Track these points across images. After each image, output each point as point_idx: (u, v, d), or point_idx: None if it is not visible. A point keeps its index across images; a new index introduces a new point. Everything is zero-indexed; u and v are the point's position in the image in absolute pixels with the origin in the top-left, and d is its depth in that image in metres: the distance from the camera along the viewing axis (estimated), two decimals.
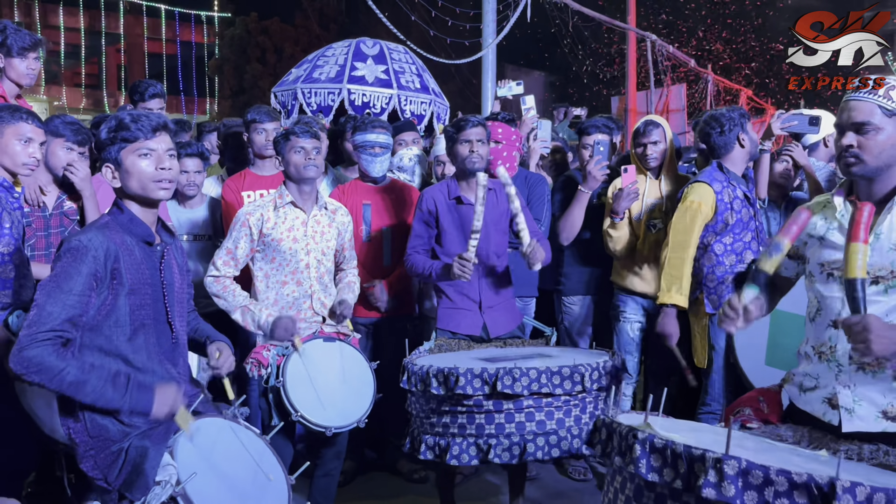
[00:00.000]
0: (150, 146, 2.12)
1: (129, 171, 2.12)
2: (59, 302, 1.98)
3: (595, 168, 3.71)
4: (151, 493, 1.97)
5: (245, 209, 3.20)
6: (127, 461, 2.02)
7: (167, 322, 2.22)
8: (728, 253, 3.52)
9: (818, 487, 1.45)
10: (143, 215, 2.18)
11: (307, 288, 3.19)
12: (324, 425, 2.89)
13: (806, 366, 2.15)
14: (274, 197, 3.21)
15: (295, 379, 2.92)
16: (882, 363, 1.97)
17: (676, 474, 1.55)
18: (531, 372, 2.57)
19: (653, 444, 1.61)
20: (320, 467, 3.19)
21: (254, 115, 3.98)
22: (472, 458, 2.67)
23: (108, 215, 2.18)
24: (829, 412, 2.04)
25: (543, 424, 2.64)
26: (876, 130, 1.96)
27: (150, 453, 2.01)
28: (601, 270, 4.01)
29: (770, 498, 1.47)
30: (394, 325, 3.83)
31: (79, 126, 3.26)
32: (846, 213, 2.07)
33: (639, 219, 3.77)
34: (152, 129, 2.12)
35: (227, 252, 3.16)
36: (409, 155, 4.32)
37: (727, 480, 1.48)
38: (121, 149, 2.11)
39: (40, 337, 1.95)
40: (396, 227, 3.81)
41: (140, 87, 4.40)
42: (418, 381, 2.74)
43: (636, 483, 1.70)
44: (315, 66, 6.48)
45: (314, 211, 3.23)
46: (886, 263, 1.97)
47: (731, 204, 3.46)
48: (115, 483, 2.02)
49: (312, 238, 3.21)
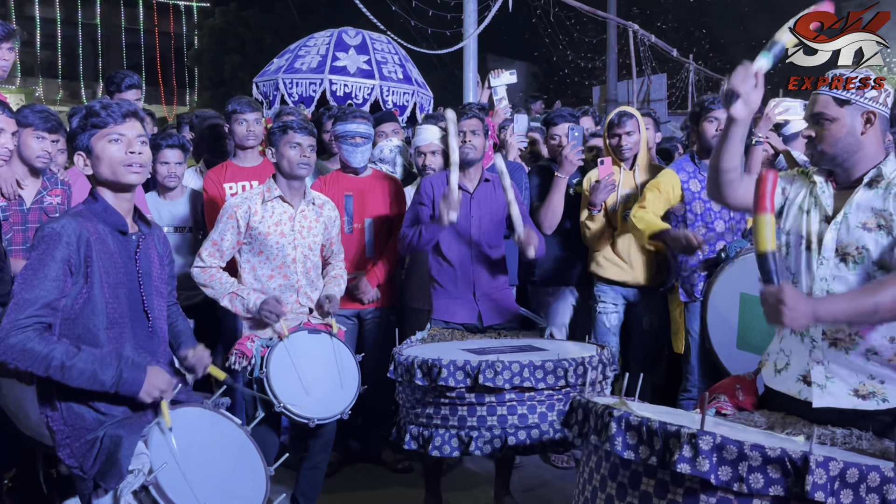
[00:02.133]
0: (119, 131, 2.12)
1: (100, 157, 2.12)
2: (36, 288, 1.99)
3: (571, 153, 3.74)
4: (124, 482, 1.97)
5: (233, 201, 3.18)
6: (101, 450, 2.02)
7: (143, 311, 2.21)
8: None
9: (792, 462, 1.48)
10: (118, 203, 2.18)
11: (294, 282, 3.19)
12: (307, 416, 2.90)
13: (779, 341, 2.19)
14: (262, 190, 3.20)
15: (279, 370, 2.92)
16: (854, 339, 2.02)
17: (652, 451, 1.57)
18: (513, 366, 2.58)
19: (628, 421, 1.62)
20: (307, 459, 3.19)
21: (235, 106, 3.96)
22: (453, 450, 2.68)
23: (83, 204, 2.18)
24: (805, 389, 2.08)
25: (525, 418, 2.66)
26: (830, 121, 2.04)
27: (124, 442, 2.01)
28: (577, 261, 4.03)
29: (744, 472, 1.49)
30: (377, 317, 3.84)
31: (48, 114, 3.22)
32: (825, 192, 2.12)
33: (614, 209, 3.80)
34: (122, 115, 2.13)
35: (213, 244, 3.14)
36: (389, 146, 4.31)
37: (702, 455, 1.50)
38: (91, 136, 2.12)
39: (21, 323, 1.96)
40: (379, 218, 3.81)
41: (116, 79, 4.35)
42: (404, 372, 2.76)
43: (611, 461, 1.72)
44: (297, 56, 6.43)
45: (302, 206, 3.23)
46: (852, 241, 2.04)
47: (699, 194, 3.54)
48: (91, 472, 2.03)
49: (300, 233, 3.20)
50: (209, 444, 2.20)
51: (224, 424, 2.30)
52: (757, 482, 1.49)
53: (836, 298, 1.96)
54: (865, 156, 2.06)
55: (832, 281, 2.05)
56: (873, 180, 2.05)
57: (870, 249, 2.01)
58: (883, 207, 2.01)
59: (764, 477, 1.49)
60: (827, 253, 2.07)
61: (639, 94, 13.00)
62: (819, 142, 2.07)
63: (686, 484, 1.56)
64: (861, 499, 1.49)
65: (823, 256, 2.07)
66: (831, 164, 2.11)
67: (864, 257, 2.02)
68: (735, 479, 1.50)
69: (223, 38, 21.09)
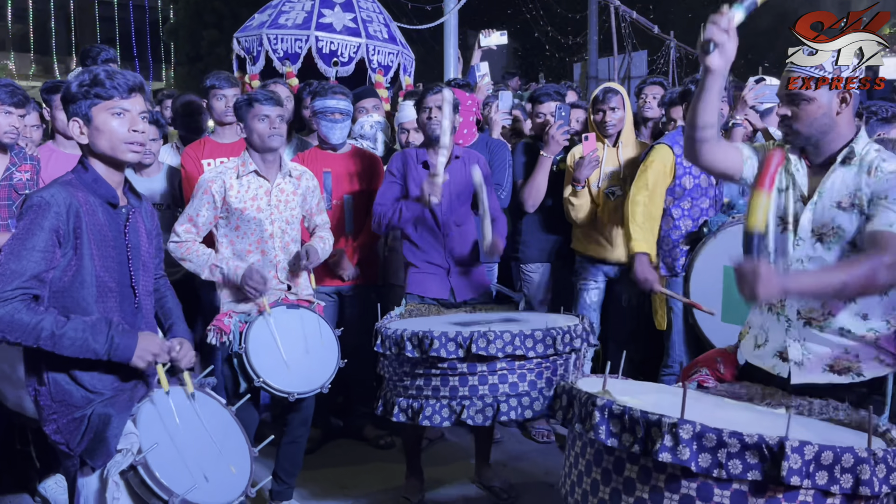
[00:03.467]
0: (124, 105, 2.04)
1: (100, 129, 2.04)
2: (24, 259, 1.93)
3: (557, 133, 3.73)
4: (112, 461, 1.95)
5: (207, 176, 3.13)
6: (89, 428, 2.00)
7: (130, 287, 2.17)
8: (684, 217, 3.60)
9: (768, 447, 1.52)
10: (109, 176, 2.11)
11: (272, 257, 3.16)
12: (286, 391, 2.90)
13: (757, 317, 2.22)
14: (237, 164, 3.14)
15: (258, 345, 2.91)
16: (828, 318, 2.05)
17: (634, 439, 1.61)
18: (505, 335, 2.61)
19: (611, 410, 1.66)
20: (287, 434, 3.19)
21: (213, 81, 3.90)
22: (444, 420, 2.70)
23: (73, 173, 2.10)
24: (780, 365, 2.12)
25: (516, 386, 2.69)
26: (807, 101, 2.03)
27: (112, 420, 1.99)
28: (560, 238, 4.04)
29: (723, 459, 1.53)
30: (358, 294, 3.83)
31: (13, 88, 3.15)
32: (801, 168, 2.14)
33: (598, 186, 3.80)
34: (128, 89, 2.04)
35: (189, 219, 3.09)
36: (370, 122, 4.27)
37: (682, 444, 1.54)
38: (92, 105, 2.03)
39: (7, 295, 1.90)
40: (358, 194, 3.78)
41: (92, 52, 4.27)
42: (392, 345, 2.76)
43: (596, 448, 1.75)
44: (280, 11, 6.26)
45: (278, 179, 3.17)
46: (828, 220, 2.06)
47: (690, 168, 3.53)
48: (77, 449, 2.01)
49: (276, 207, 3.16)
50: (195, 424, 2.19)
51: (210, 404, 2.29)
52: (735, 468, 1.53)
53: (807, 273, 2.00)
54: (839, 134, 2.07)
55: (807, 262, 2.08)
56: (846, 157, 2.06)
57: (844, 229, 2.03)
58: (857, 187, 2.02)
59: (742, 463, 1.53)
60: (803, 233, 2.09)
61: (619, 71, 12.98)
62: (794, 121, 2.06)
63: (668, 470, 1.60)
64: (835, 479, 1.54)
65: (800, 237, 2.09)
66: (805, 143, 2.11)
67: (839, 237, 2.04)
68: (715, 466, 1.54)
69: (199, 12, 20.68)
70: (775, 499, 1.55)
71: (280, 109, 3.12)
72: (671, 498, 1.60)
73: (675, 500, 1.59)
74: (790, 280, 1.89)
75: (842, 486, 1.54)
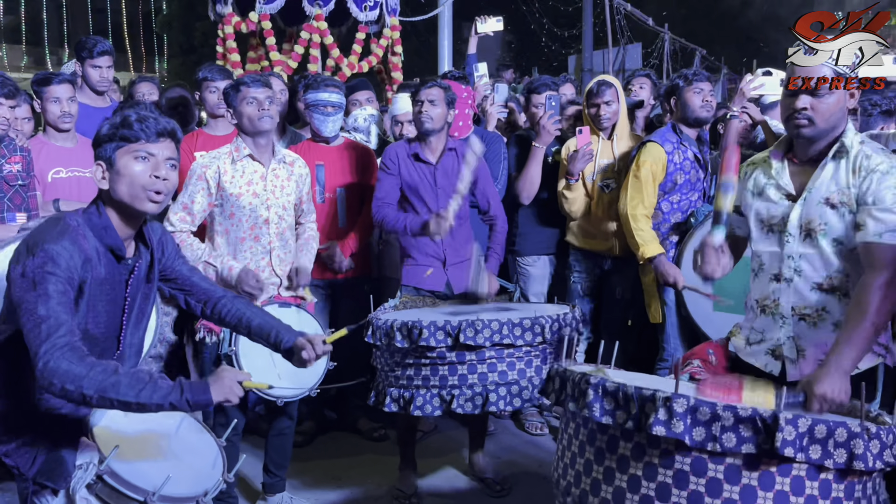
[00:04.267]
0: (149, 149, 1.92)
1: (121, 174, 1.90)
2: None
3: (548, 122, 3.73)
4: (75, 479, 1.86)
5: (200, 162, 3.08)
6: (39, 450, 1.91)
7: (117, 338, 2.04)
8: (674, 211, 3.61)
9: (762, 420, 1.52)
10: (121, 227, 1.96)
11: (266, 244, 3.12)
12: (275, 395, 2.87)
13: (752, 319, 2.23)
14: (230, 149, 3.09)
15: (247, 346, 2.83)
16: (822, 314, 2.06)
17: (628, 415, 1.61)
18: (493, 324, 2.62)
19: (605, 387, 1.66)
20: (273, 428, 3.18)
21: (206, 74, 3.88)
22: (435, 409, 2.72)
23: (83, 216, 1.95)
24: (772, 363, 2.13)
25: (505, 375, 2.70)
26: (829, 94, 2.01)
27: (62, 438, 1.92)
28: (556, 230, 4.04)
29: (717, 432, 1.54)
30: (351, 287, 3.83)
31: (3, 79, 3.10)
32: (783, 171, 2.15)
33: (592, 179, 3.80)
34: (156, 133, 1.93)
35: (184, 207, 3.03)
36: (363, 115, 4.26)
37: (676, 417, 1.54)
38: (118, 147, 1.91)
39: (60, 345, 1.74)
40: (351, 187, 3.78)
41: (88, 44, 4.22)
42: (383, 336, 2.76)
43: (589, 427, 1.75)
44: None
45: (273, 164, 3.13)
46: (815, 216, 2.06)
47: (681, 165, 3.54)
48: (30, 472, 1.91)
49: (272, 193, 3.11)
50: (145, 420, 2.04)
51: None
52: (730, 441, 1.54)
53: (843, 348, 1.94)
54: (836, 128, 2.07)
55: (798, 259, 2.08)
56: (837, 152, 2.06)
57: (831, 225, 2.04)
58: (846, 183, 2.03)
59: (736, 436, 1.54)
60: (793, 230, 2.09)
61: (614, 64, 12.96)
62: (814, 113, 2.02)
63: (662, 446, 1.61)
64: (829, 453, 1.55)
65: (789, 234, 2.10)
66: (817, 136, 2.07)
67: (825, 233, 2.05)
68: (709, 440, 1.54)
69: (192, 4, 20.54)
70: (769, 472, 1.56)
71: (268, 91, 3.07)
72: (665, 473, 1.61)
73: (668, 475, 1.60)
74: (838, 368, 1.89)
75: (835, 461, 1.55)
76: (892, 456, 1.61)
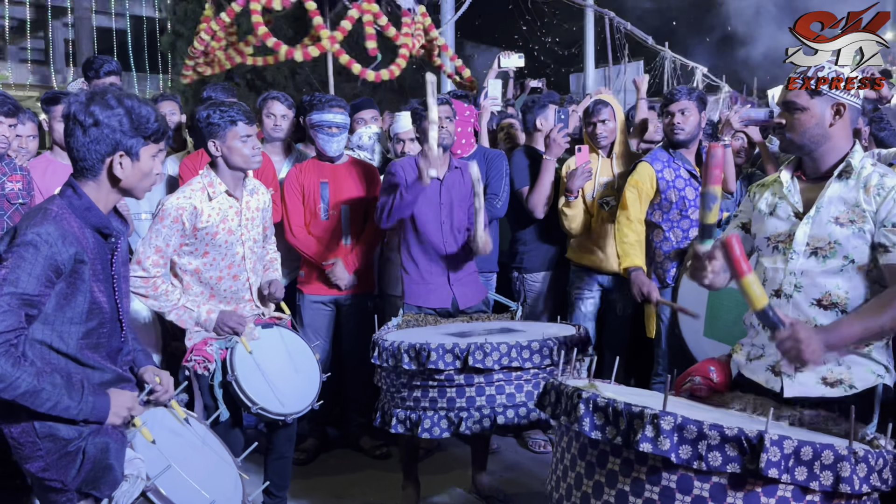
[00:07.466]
0: (161, 147, 2.06)
1: (142, 170, 1.99)
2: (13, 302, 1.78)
3: (558, 135, 3.78)
4: (120, 491, 1.87)
5: (174, 202, 2.85)
6: (87, 459, 1.89)
7: (118, 320, 2.04)
8: (674, 229, 3.64)
9: (748, 440, 1.53)
10: (106, 203, 1.98)
11: (244, 280, 3.03)
12: (283, 413, 2.86)
13: (753, 337, 2.24)
14: (204, 185, 2.91)
15: (245, 371, 2.82)
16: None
17: (617, 431, 1.63)
18: (502, 347, 2.64)
19: (595, 403, 1.68)
20: (273, 452, 3.14)
21: (210, 94, 3.92)
22: (443, 432, 2.73)
23: (62, 199, 1.92)
24: (772, 379, 2.14)
25: (513, 397, 2.72)
26: (801, 110, 2.08)
27: (111, 447, 1.91)
28: (560, 247, 4.08)
29: (703, 451, 1.55)
30: (355, 303, 3.85)
31: (3, 97, 3.12)
32: (793, 189, 2.18)
33: (592, 197, 3.84)
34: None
35: (157, 251, 2.82)
36: (368, 133, 4.30)
37: (663, 435, 1.56)
38: (143, 146, 1.99)
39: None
40: (355, 204, 3.81)
41: (95, 64, 4.27)
42: (389, 357, 2.77)
43: (581, 441, 1.77)
44: None
45: (245, 197, 3.01)
46: (824, 235, 2.08)
47: (674, 182, 3.58)
48: (73, 483, 1.90)
49: (246, 227, 3.00)
50: (184, 444, 2.16)
51: (190, 420, 2.29)
52: (715, 460, 1.55)
53: (843, 324, 1.99)
54: (834, 147, 2.11)
55: (800, 276, 2.10)
56: (843, 172, 2.09)
57: (841, 244, 2.05)
58: (855, 202, 2.05)
59: (722, 455, 1.55)
60: (798, 247, 2.11)
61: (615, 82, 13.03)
62: (788, 130, 2.12)
63: (650, 462, 1.62)
64: (815, 475, 1.54)
65: (794, 251, 2.11)
66: (799, 153, 2.16)
67: (835, 251, 2.06)
68: (695, 458, 1.56)
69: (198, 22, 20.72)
70: (754, 493, 1.57)
71: (256, 129, 3.02)
72: (652, 490, 1.62)
73: (655, 492, 1.61)
74: (829, 335, 1.93)
75: (821, 483, 1.55)
76: (879, 480, 1.61)
